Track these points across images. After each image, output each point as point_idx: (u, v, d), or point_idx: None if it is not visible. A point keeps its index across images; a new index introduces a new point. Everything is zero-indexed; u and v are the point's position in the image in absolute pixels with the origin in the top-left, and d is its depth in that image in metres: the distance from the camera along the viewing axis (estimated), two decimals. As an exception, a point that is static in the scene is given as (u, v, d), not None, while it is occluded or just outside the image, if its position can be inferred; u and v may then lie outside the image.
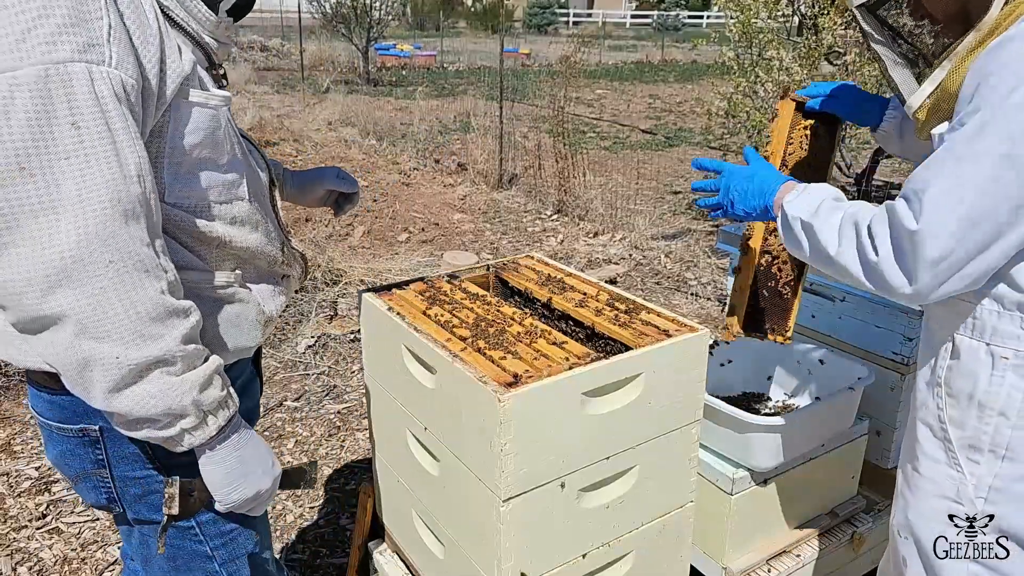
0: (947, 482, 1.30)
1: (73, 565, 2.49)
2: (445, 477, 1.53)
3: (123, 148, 0.98)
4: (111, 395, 1.01)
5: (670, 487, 1.59)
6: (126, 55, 1.00)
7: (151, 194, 1.03)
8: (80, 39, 0.95)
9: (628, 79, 17.11)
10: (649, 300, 3.64)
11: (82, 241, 0.95)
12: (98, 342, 0.98)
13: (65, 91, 0.94)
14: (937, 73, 1.27)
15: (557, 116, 6.96)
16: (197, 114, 1.13)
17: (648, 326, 1.55)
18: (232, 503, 1.19)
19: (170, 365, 1.04)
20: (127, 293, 0.99)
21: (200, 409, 1.09)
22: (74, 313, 0.96)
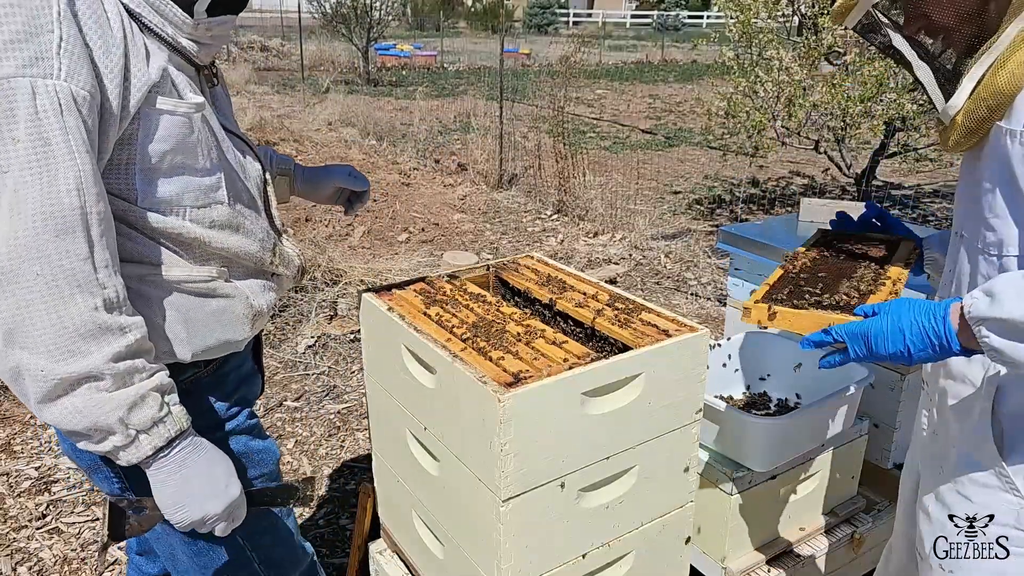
0: (1004, 507, 1.23)
1: (73, 565, 2.49)
2: (445, 477, 1.53)
3: (59, 162, 0.98)
4: (41, 405, 1.03)
5: (670, 487, 1.59)
6: (78, 66, 1.00)
7: (93, 207, 1.02)
8: (25, 53, 0.96)
9: (628, 79, 17.11)
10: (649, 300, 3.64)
11: (12, 252, 0.96)
12: (25, 352, 0.99)
13: (8, 106, 0.96)
14: (976, 70, 1.15)
15: (557, 116, 6.96)
16: (167, 121, 1.13)
17: (648, 326, 1.55)
18: (179, 523, 1.18)
19: (99, 380, 1.04)
20: (55, 307, 0.99)
21: (128, 427, 1.07)
22: (2, 322, 0.98)
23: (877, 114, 5.27)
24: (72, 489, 2.84)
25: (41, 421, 1.06)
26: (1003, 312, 1.04)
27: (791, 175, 8.04)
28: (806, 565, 2.03)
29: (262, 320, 1.38)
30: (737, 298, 2.52)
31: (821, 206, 2.60)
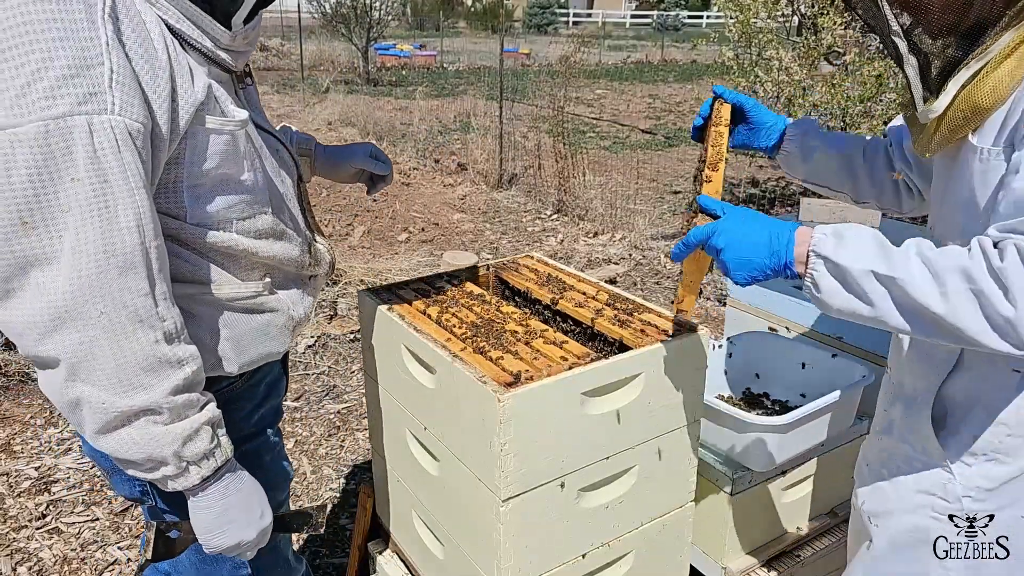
0: (933, 478, 1.30)
1: (73, 565, 2.49)
2: (445, 477, 1.53)
3: (120, 200, 0.99)
4: (97, 436, 1.05)
5: (670, 487, 1.59)
6: (131, 98, 0.99)
7: (152, 242, 1.03)
8: (80, 90, 0.95)
9: (628, 79, 17.11)
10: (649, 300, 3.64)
11: (76, 292, 0.97)
12: (87, 386, 1.01)
13: (65, 145, 0.95)
14: (963, 73, 1.12)
15: (557, 116, 6.96)
16: (214, 139, 1.13)
17: (648, 326, 1.55)
18: (214, 548, 1.20)
19: (157, 415, 1.06)
20: (118, 343, 1.01)
21: (181, 459, 1.09)
22: (66, 358, 1.00)
23: (877, 114, 5.28)
24: (72, 489, 2.84)
25: (98, 447, 1.07)
26: (841, 259, 1.10)
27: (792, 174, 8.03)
28: (805, 565, 2.03)
29: (301, 328, 1.39)
30: (737, 298, 2.52)
31: (821, 206, 2.60)
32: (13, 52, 0.92)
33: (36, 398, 3.42)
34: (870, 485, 1.42)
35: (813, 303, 1.16)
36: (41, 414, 3.32)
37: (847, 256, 1.10)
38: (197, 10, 1.10)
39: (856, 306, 1.11)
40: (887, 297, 1.08)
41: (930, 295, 1.04)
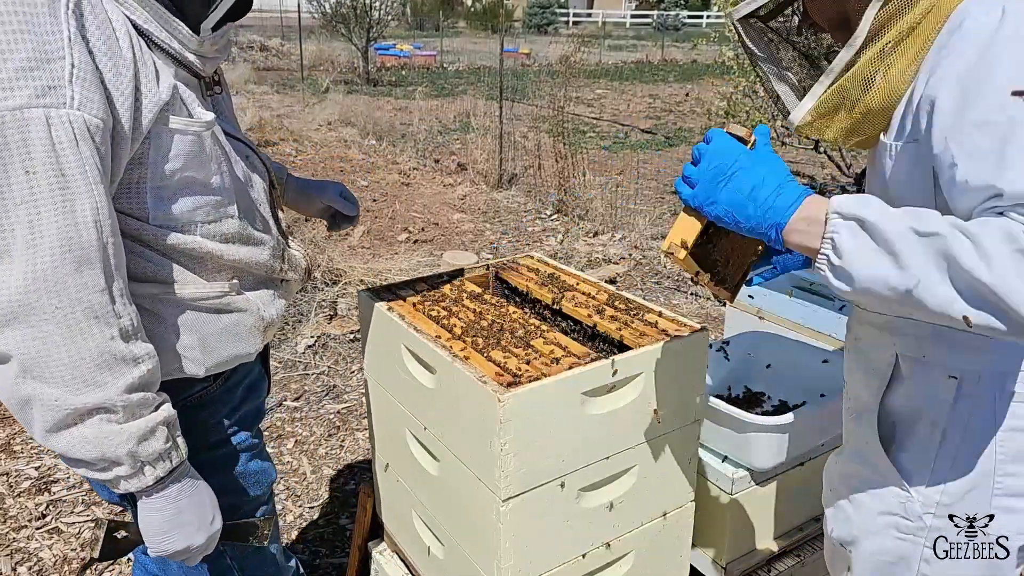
0: (891, 499, 1.27)
1: (73, 565, 2.49)
2: (445, 477, 1.53)
3: (77, 194, 0.98)
4: (48, 434, 1.03)
5: (670, 487, 1.59)
6: (91, 93, 0.98)
7: (109, 238, 1.02)
8: (38, 83, 0.94)
9: (628, 79, 17.12)
10: (649, 300, 3.64)
11: (29, 287, 0.96)
12: (39, 383, 0.99)
13: (21, 137, 0.93)
14: (817, 88, 1.13)
15: (557, 116, 6.96)
16: (178, 140, 1.12)
17: (648, 326, 1.55)
18: (160, 551, 1.18)
19: (111, 413, 1.04)
20: (73, 339, 0.99)
21: (136, 459, 1.07)
22: (18, 354, 0.98)
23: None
24: (72, 489, 2.84)
25: (48, 446, 1.06)
26: (871, 216, 0.97)
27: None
28: (806, 565, 2.03)
29: (272, 330, 1.38)
30: (737, 298, 2.52)
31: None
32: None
33: (36, 398, 3.42)
34: (834, 508, 1.39)
35: (826, 276, 1.01)
36: (41, 414, 3.32)
37: (876, 214, 0.96)
38: (165, 12, 1.10)
39: (887, 273, 0.95)
40: (929, 259, 0.92)
41: (973, 262, 0.90)
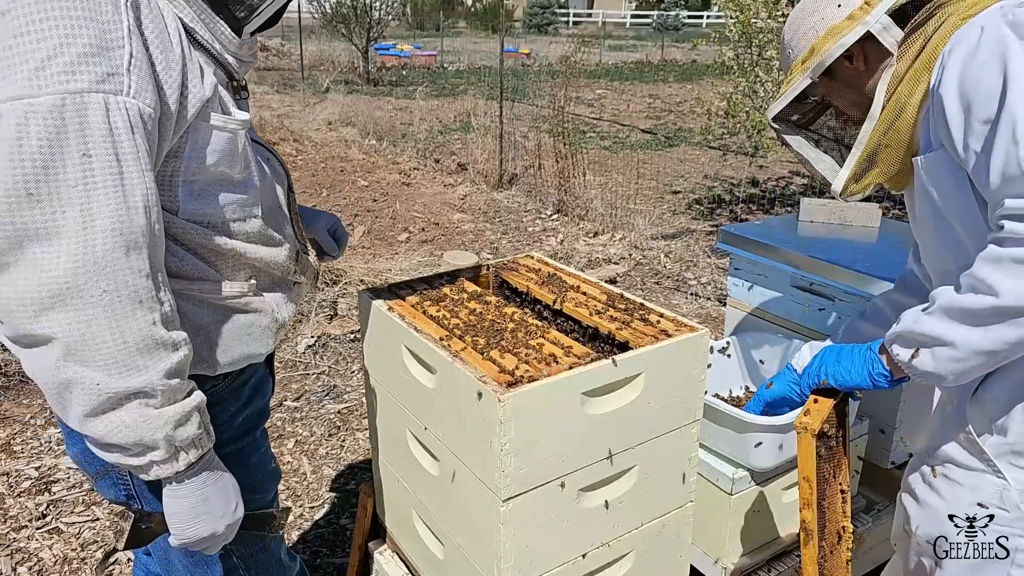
0: (988, 488, 1.30)
1: (73, 565, 2.49)
2: (445, 477, 1.53)
3: (131, 180, 0.99)
4: (86, 419, 1.03)
5: (670, 487, 1.59)
6: (145, 83, 1.00)
7: (156, 224, 1.04)
8: (100, 68, 0.96)
9: (628, 79, 17.11)
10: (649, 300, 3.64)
11: (79, 269, 0.96)
12: (82, 366, 0.99)
13: (79, 121, 0.95)
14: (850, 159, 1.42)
15: (557, 116, 6.96)
16: (216, 136, 1.14)
17: (648, 326, 1.55)
18: (186, 539, 1.18)
19: (150, 397, 1.05)
20: (117, 323, 1.00)
21: (172, 444, 1.08)
22: (63, 336, 0.98)
23: (877, 114, 5.26)
24: (72, 489, 2.84)
25: (84, 432, 1.06)
26: (899, 327, 1.30)
27: (791, 175, 8.04)
28: (806, 565, 2.02)
29: (283, 332, 1.39)
30: (737, 298, 2.52)
31: (821, 206, 2.60)
32: (38, 26, 0.93)
33: (36, 398, 3.42)
34: (920, 506, 1.42)
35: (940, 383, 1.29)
36: (41, 414, 3.32)
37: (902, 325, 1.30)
38: (211, 13, 1.13)
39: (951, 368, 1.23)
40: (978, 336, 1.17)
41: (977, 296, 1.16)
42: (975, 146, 1.17)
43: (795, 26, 1.47)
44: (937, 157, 1.27)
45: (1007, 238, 1.11)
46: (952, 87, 1.20)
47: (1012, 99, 1.10)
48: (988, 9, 1.23)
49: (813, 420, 1.44)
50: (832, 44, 1.37)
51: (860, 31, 1.35)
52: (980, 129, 1.16)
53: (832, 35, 1.37)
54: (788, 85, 1.45)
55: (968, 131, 1.18)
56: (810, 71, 1.40)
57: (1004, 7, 1.20)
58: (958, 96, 1.19)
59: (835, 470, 1.54)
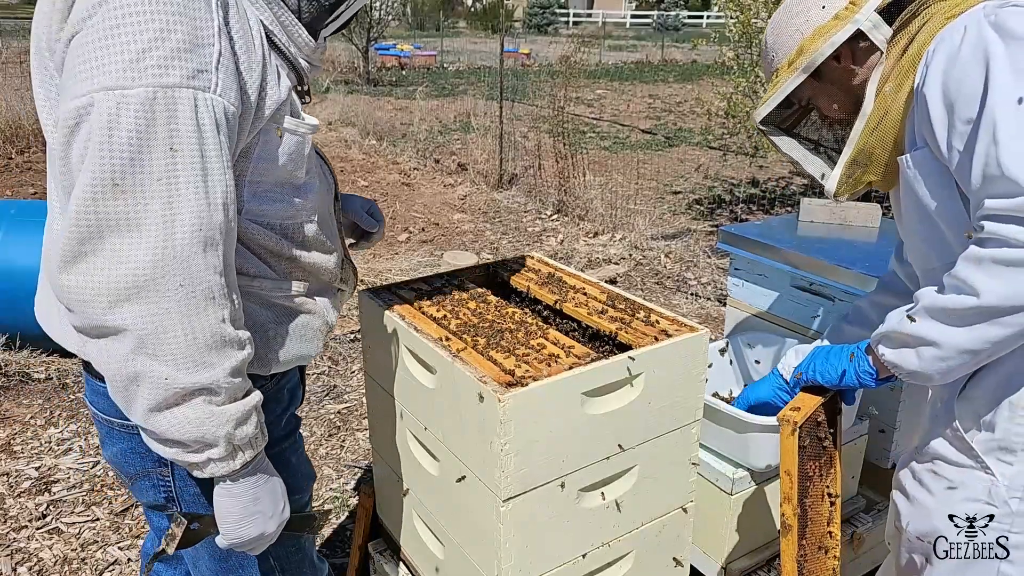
0: (977, 484, 1.31)
1: (73, 565, 2.49)
2: (445, 477, 1.53)
3: (213, 176, 1.00)
4: (150, 413, 1.02)
5: (670, 487, 1.59)
6: (231, 82, 1.01)
7: (231, 222, 1.04)
8: (191, 65, 0.96)
9: (628, 79, 17.11)
10: (649, 300, 3.63)
11: (158, 262, 0.96)
12: (152, 360, 0.99)
13: (169, 115, 0.95)
14: (842, 158, 1.43)
15: (557, 116, 6.96)
16: (287, 139, 1.15)
17: (648, 326, 1.55)
18: (235, 539, 1.18)
19: (214, 395, 1.05)
20: (190, 318, 1.00)
21: (231, 443, 1.08)
22: (136, 329, 0.98)
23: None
24: (72, 489, 2.84)
25: (146, 426, 1.05)
26: (884, 328, 1.33)
27: (791, 175, 8.04)
28: (806, 565, 2.02)
29: (330, 335, 1.38)
30: (737, 298, 2.52)
31: (821, 206, 2.60)
32: (134, 19, 0.93)
33: (36, 398, 3.43)
34: (910, 503, 1.43)
35: (927, 382, 1.32)
36: (41, 414, 3.32)
37: (887, 325, 1.33)
38: (291, 16, 1.13)
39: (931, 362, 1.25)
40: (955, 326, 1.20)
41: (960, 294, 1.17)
42: (958, 146, 1.19)
43: (778, 29, 1.47)
44: (922, 156, 1.29)
45: (988, 238, 1.12)
46: (936, 87, 1.21)
47: (993, 100, 1.12)
48: (971, 9, 1.25)
49: (796, 414, 1.46)
50: (822, 43, 1.37)
51: (851, 29, 1.35)
52: (963, 129, 1.18)
53: (820, 35, 1.38)
54: (775, 87, 1.45)
55: (951, 131, 1.20)
56: (801, 69, 1.40)
57: (987, 7, 1.22)
58: (941, 96, 1.21)
59: (822, 470, 1.54)
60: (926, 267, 1.42)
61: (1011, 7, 1.19)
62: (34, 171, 7.45)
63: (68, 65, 0.97)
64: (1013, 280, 1.10)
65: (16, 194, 6.66)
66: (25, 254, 3.52)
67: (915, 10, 1.33)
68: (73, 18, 0.97)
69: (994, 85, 1.12)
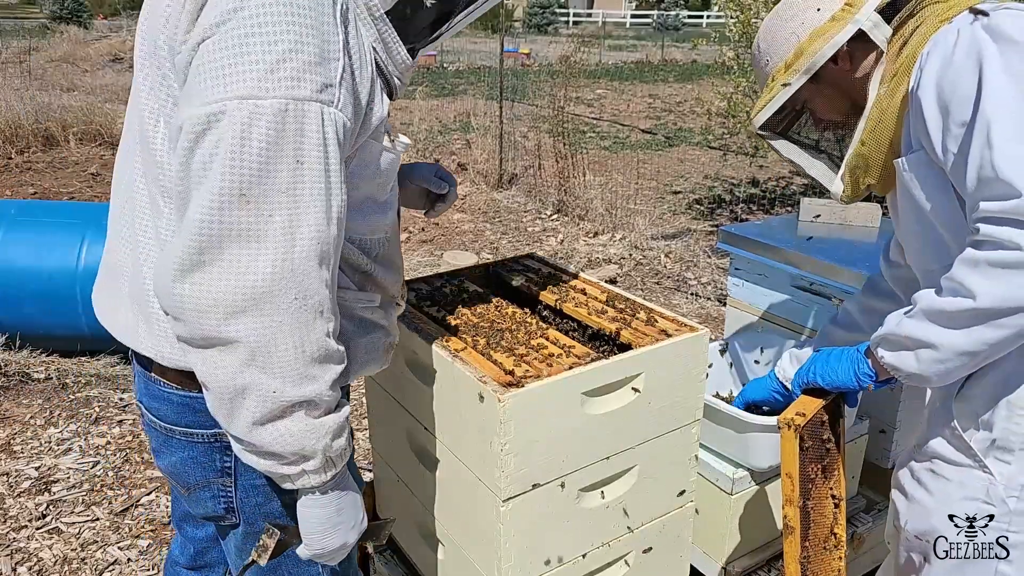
0: (975, 484, 1.31)
1: (73, 565, 2.49)
2: (445, 477, 1.53)
3: (333, 190, 0.99)
4: (255, 427, 1.01)
5: (670, 487, 1.59)
6: (349, 98, 1.01)
7: (341, 237, 1.04)
8: (320, 79, 0.96)
9: (628, 79, 17.11)
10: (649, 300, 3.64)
11: (277, 274, 0.96)
12: (262, 373, 0.98)
13: (297, 127, 0.95)
14: (846, 160, 1.43)
15: (557, 116, 6.96)
16: (384, 156, 1.15)
17: (648, 326, 1.55)
18: (319, 550, 1.17)
19: (315, 408, 1.04)
20: (300, 331, 0.99)
21: (326, 455, 1.08)
22: (249, 341, 0.97)
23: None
24: (72, 489, 2.84)
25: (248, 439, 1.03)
26: (883, 331, 1.32)
27: (791, 175, 8.04)
28: (806, 565, 2.02)
29: (392, 352, 1.38)
30: (737, 298, 2.52)
31: (821, 206, 2.60)
32: (270, 28, 0.93)
33: (36, 398, 3.42)
34: (908, 501, 1.44)
35: (926, 383, 1.32)
36: (41, 414, 3.32)
37: (886, 328, 1.32)
38: (395, 35, 1.12)
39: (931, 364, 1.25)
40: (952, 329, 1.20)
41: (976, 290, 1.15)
42: (953, 148, 1.20)
43: (771, 34, 1.47)
44: (918, 158, 1.30)
45: (983, 241, 1.13)
46: (930, 90, 1.22)
47: (986, 102, 1.12)
48: (965, 12, 1.25)
49: (797, 417, 1.46)
50: (822, 44, 1.37)
51: (852, 29, 1.35)
52: (957, 132, 1.18)
53: (818, 36, 1.38)
54: (771, 91, 1.45)
55: (946, 134, 1.20)
56: (802, 71, 1.40)
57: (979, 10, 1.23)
58: (936, 99, 1.21)
59: (824, 472, 1.54)
60: (924, 269, 1.43)
61: (1004, 10, 1.20)
62: (34, 171, 7.45)
63: (196, 69, 0.95)
64: (1009, 282, 1.10)
65: (16, 194, 6.66)
66: (25, 254, 3.52)
67: (911, 10, 1.33)
68: (204, 22, 0.95)
69: (988, 88, 1.13)
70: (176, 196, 0.98)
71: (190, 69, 0.97)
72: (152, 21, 1.06)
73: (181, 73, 0.99)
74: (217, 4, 0.95)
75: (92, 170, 7.53)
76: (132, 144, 1.15)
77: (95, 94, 11.10)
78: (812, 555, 1.51)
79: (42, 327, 3.61)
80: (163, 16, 1.03)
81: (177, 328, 1.00)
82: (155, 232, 1.11)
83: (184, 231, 0.95)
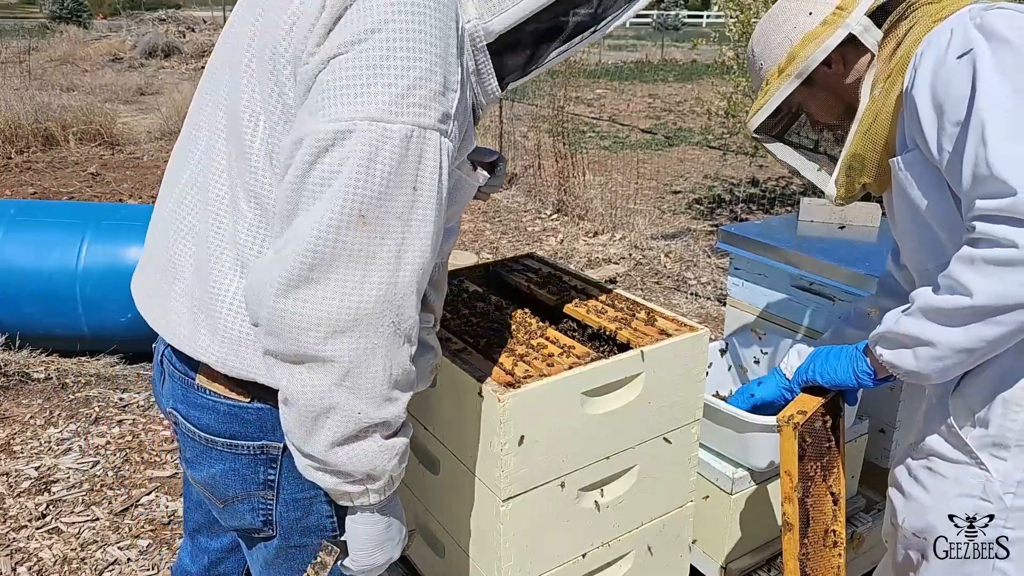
0: (972, 480, 1.31)
1: (73, 565, 2.49)
2: (445, 477, 1.53)
3: (437, 219, 1.00)
4: (333, 446, 1.01)
5: (670, 487, 1.59)
6: (458, 130, 1.02)
7: (434, 265, 1.04)
8: (442, 109, 0.97)
9: (628, 79, 17.11)
10: (649, 300, 3.64)
11: (382, 298, 0.96)
12: (350, 394, 0.98)
13: (418, 155, 0.95)
14: (841, 161, 1.44)
15: (557, 116, 6.96)
16: (466, 186, 1.15)
17: (648, 326, 1.55)
18: (366, 565, 1.16)
19: (387, 429, 1.04)
20: (390, 355, 0.99)
21: (390, 474, 1.08)
22: (344, 362, 0.96)
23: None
24: (72, 489, 2.84)
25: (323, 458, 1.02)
26: (881, 329, 1.33)
27: (791, 175, 8.03)
28: (806, 565, 2.02)
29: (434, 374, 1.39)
30: (737, 298, 2.52)
31: (821, 206, 2.60)
32: (405, 55, 0.94)
33: (36, 398, 3.42)
34: (906, 499, 1.44)
35: (924, 381, 1.32)
36: (41, 414, 3.32)
37: (883, 326, 1.33)
38: (490, 66, 1.11)
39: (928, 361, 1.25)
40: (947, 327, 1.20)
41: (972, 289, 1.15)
42: (947, 147, 1.21)
43: (765, 38, 1.48)
44: (913, 157, 1.31)
45: (979, 239, 1.13)
46: (924, 89, 1.23)
47: (980, 101, 1.13)
48: (958, 12, 1.26)
49: (796, 415, 1.46)
50: (813, 48, 1.38)
51: (842, 34, 1.37)
52: (952, 131, 1.19)
53: (810, 40, 1.39)
54: (766, 95, 1.46)
55: (941, 133, 1.21)
56: (794, 75, 1.41)
57: (973, 10, 1.24)
58: (930, 98, 1.22)
59: (824, 470, 1.54)
60: (920, 268, 1.43)
61: (996, 9, 1.21)
62: (34, 171, 7.45)
63: (324, 84, 0.94)
64: (1005, 279, 1.11)
65: (16, 194, 6.66)
66: (25, 254, 3.52)
67: (903, 13, 1.34)
68: (338, 38, 0.94)
69: (981, 87, 1.14)
70: (280, 205, 0.97)
71: (315, 82, 0.96)
72: (270, 23, 1.03)
73: (303, 84, 0.98)
74: (354, 21, 0.94)
75: (92, 170, 7.53)
76: (215, 142, 1.12)
77: (95, 94, 11.11)
78: (811, 552, 1.51)
79: (42, 327, 3.61)
80: (287, 22, 1.00)
81: (269, 341, 0.99)
82: (232, 235, 1.08)
83: (294, 246, 0.93)
